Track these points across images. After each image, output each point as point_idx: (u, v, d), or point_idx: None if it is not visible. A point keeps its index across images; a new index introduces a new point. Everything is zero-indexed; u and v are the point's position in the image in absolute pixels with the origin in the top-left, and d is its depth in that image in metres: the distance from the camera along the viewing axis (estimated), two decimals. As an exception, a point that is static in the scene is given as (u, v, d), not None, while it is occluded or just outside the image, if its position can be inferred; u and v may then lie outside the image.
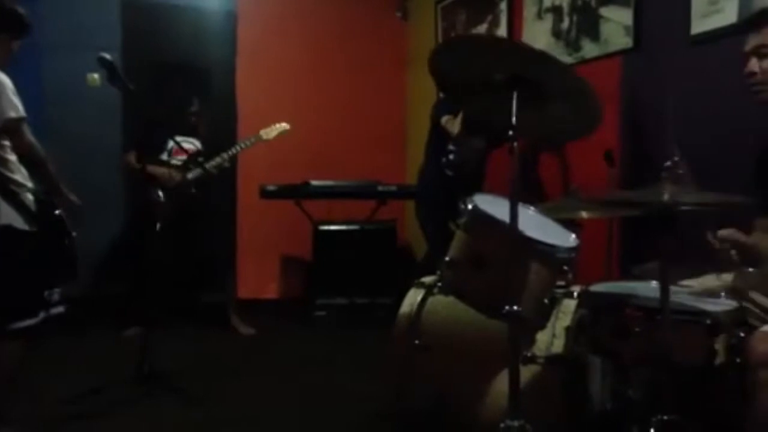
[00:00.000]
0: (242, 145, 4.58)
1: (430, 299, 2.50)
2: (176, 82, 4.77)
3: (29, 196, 2.59)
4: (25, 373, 2.76)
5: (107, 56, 3.13)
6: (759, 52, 2.09)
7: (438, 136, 3.97)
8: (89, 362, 3.78)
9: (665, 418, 1.70)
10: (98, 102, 4.83)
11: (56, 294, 2.67)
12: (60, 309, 2.69)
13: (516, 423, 1.80)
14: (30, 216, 2.57)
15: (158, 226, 3.86)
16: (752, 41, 2.10)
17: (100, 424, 2.88)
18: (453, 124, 3.83)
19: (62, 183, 2.70)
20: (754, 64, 2.10)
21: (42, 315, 2.59)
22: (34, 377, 3.18)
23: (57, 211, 2.67)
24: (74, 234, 2.75)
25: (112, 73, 3.14)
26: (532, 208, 2.25)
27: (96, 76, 4.83)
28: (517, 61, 1.92)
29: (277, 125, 4.61)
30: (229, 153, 4.48)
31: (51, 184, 2.65)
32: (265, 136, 4.57)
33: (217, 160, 4.45)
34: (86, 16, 4.95)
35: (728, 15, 2.92)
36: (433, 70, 2.10)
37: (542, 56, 1.93)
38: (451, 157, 3.87)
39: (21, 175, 2.59)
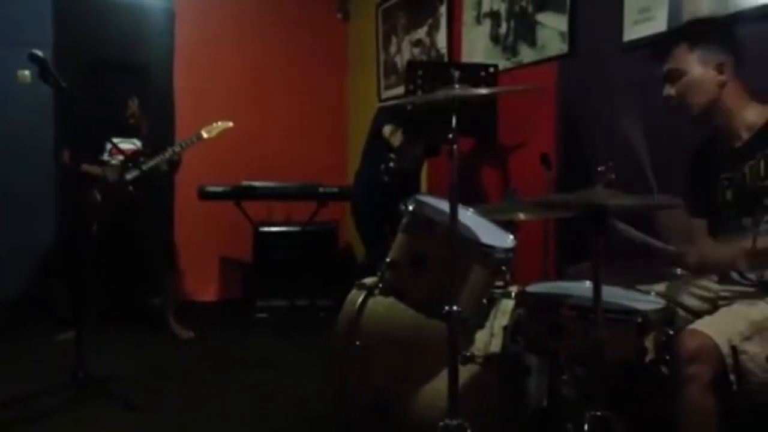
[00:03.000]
0: (182, 144, 4.49)
1: (371, 300, 2.51)
2: (112, 81, 4.65)
3: None
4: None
5: (38, 53, 3.01)
6: (671, 77, 2.17)
7: (377, 143, 3.99)
8: (22, 366, 3.66)
9: (598, 414, 1.74)
10: (29, 100, 4.67)
11: None
12: None
13: (455, 422, 1.83)
14: None
15: (95, 226, 3.75)
16: (664, 67, 2.18)
17: (34, 430, 2.79)
18: (395, 137, 3.87)
19: None
20: (668, 89, 2.18)
21: None
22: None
23: None
24: None
25: (44, 71, 3.03)
26: (471, 209, 2.28)
27: (27, 72, 4.68)
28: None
29: (219, 123, 4.53)
30: (169, 153, 4.38)
31: None
32: (206, 135, 4.48)
33: (156, 159, 4.35)
34: (17, 10, 4.79)
35: (659, 23, 3.02)
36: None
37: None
38: (391, 164, 3.89)
39: None
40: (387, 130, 3.92)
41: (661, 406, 1.89)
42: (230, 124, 4.56)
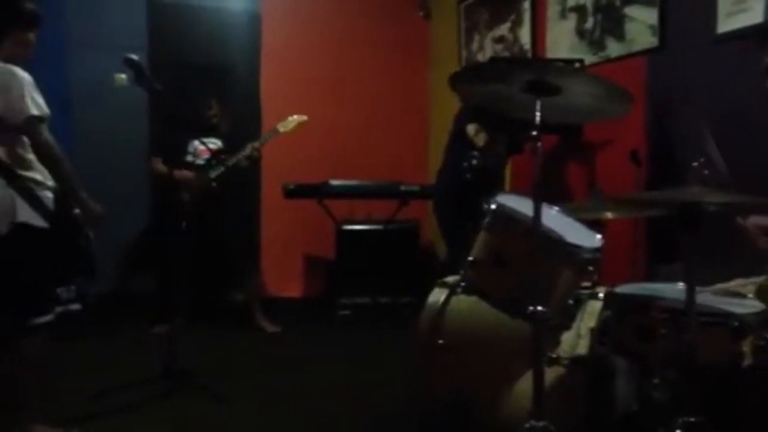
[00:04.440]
0: (261, 141, 4.61)
1: (453, 299, 2.50)
2: (200, 83, 4.81)
3: (48, 195, 2.62)
4: (53, 368, 2.80)
5: (134, 57, 3.15)
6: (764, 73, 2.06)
7: (460, 141, 3.97)
8: (117, 359, 3.83)
9: (691, 420, 1.68)
10: (125, 102, 4.88)
11: (71, 291, 2.69)
12: (77, 306, 2.71)
13: (540, 424, 1.80)
14: (47, 214, 2.60)
15: (183, 225, 3.89)
16: (765, 60, 2.08)
17: (127, 421, 2.92)
18: (479, 137, 3.84)
19: (79, 183, 2.71)
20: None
21: (57, 311, 2.62)
22: (62, 373, 3.23)
23: (75, 210, 2.69)
24: (90, 233, 2.76)
25: (139, 74, 3.17)
26: (555, 208, 2.24)
27: (123, 76, 4.89)
28: (535, 70, 1.91)
29: (294, 117, 4.60)
30: (248, 149, 4.50)
31: (66, 184, 2.66)
32: (282, 129, 4.57)
33: (237, 156, 4.48)
34: (113, 16, 5.02)
35: (755, 14, 2.89)
36: (455, 89, 2.10)
37: (558, 66, 1.93)
38: (474, 162, 3.87)
39: (40, 174, 2.60)
40: (471, 129, 3.89)
41: (759, 414, 1.80)
42: (305, 117, 4.61)
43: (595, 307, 2.27)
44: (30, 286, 2.60)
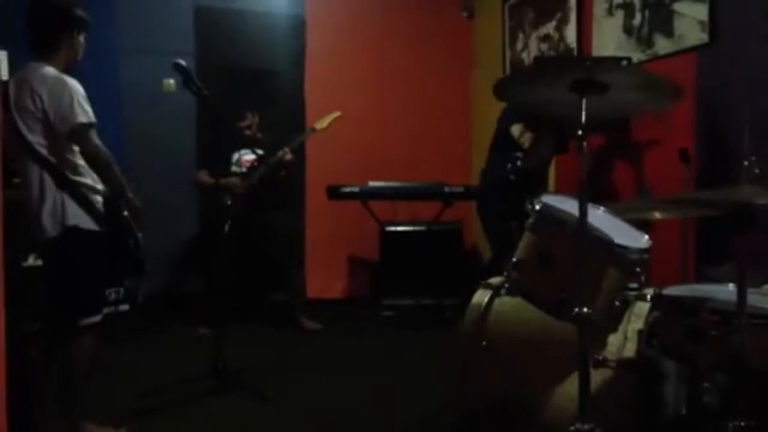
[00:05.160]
0: (298, 140, 4.67)
1: (497, 300, 2.48)
2: (244, 88, 4.89)
3: (98, 198, 2.69)
4: (103, 368, 2.88)
5: (182, 62, 3.21)
6: None
7: (504, 141, 3.95)
8: (165, 358, 3.91)
9: (742, 424, 1.65)
10: (174, 107, 4.98)
11: (120, 293, 2.76)
12: (125, 307, 2.78)
13: (586, 427, 1.78)
14: (97, 217, 2.67)
15: (227, 228, 3.96)
16: None
17: (175, 419, 2.98)
18: (525, 138, 3.82)
19: (128, 187, 2.78)
20: None
21: (105, 312, 2.69)
22: (112, 372, 3.31)
23: (125, 213, 2.76)
24: (140, 235, 2.83)
25: (187, 79, 3.22)
26: (601, 208, 2.21)
27: (172, 81, 4.97)
28: (580, 69, 1.88)
29: (329, 115, 4.67)
30: (286, 148, 4.58)
31: (116, 188, 2.73)
32: (318, 127, 4.64)
33: (278, 154, 4.57)
34: (162, 22, 5.11)
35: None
36: (500, 98, 2.10)
37: (604, 61, 1.90)
38: (518, 163, 3.84)
39: (91, 179, 2.69)
40: (516, 130, 3.87)
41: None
42: (339, 113, 4.67)
43: (642, 308, 2.23)
44: (80, 287, 2.68)
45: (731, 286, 1.88)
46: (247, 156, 4.72)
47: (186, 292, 4.90)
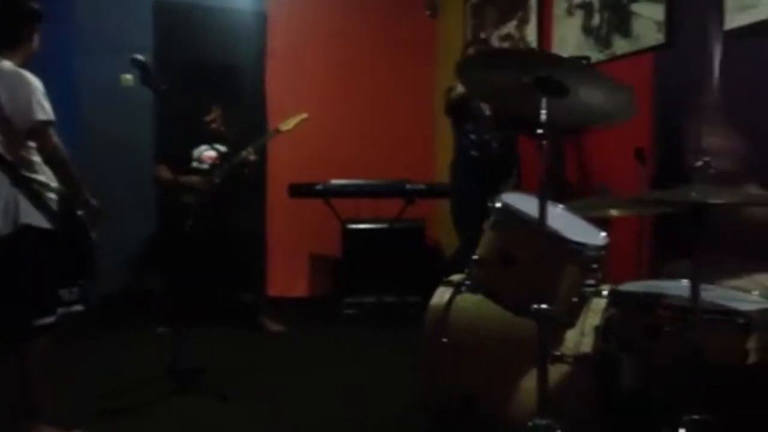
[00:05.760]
0: (262, 141, 4.62)
1: (459, 297, 2.50)
2: (204, 84, 4.82)
3: (52, 196, 2.63)
4: (59, 369, 2.82)
5: (140, 57, 3.16)
6: None
7: (457, 124, 4.05)
8: (124, 359, 3.84)
9: (695, 417, 1.68)
10: (132, 103, 4.90)
11: (74, 293, 2.70)
12: (79, 307, 2.72)
13: (544, 422, 1.80)
14: (51, 216, 2.61)
15: (188, 225, 3.90)
16: None
17: (133, 420, 2.93)
18: (456, 88, 4.00)
19: (84, 186, 2.72)
20: None
21: (60, 313, 2.63)
22: (68, 374, 3.24)
23: (79, 212, 2.70)
24: (94, 236, 2.78)
25: (145, 74, 3.18)
26: (560, 206, 2.24)
27: (129, 77, 4.90)
28: (542, 66, 1.91)
29: (295, 116, 4.61)
30: (244, 152, 4.51)
31: (72, 187, 2.68)
32: (284, 128, 4.57)
33: (242, 154, 4.50)
34: (120, 16, 5.02)
35: (763, 9, 2.87)
36: (461, 77, 2.10)
37: (566, 61, 1.92)
38: (472, 136, 3.95)
39: (45, 176, 2.62)
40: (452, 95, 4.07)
41: (765, 411, 1.80)
42: (305, 115, 4.61)
43: (599, 304, 2.27)
44: (33, 287, 2.61)
45: (685, 283, 1.92)
46: (209, 152, 4.63)
47: (146, 291, 4.83)
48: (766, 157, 2.74)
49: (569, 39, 4.20)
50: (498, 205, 2.13)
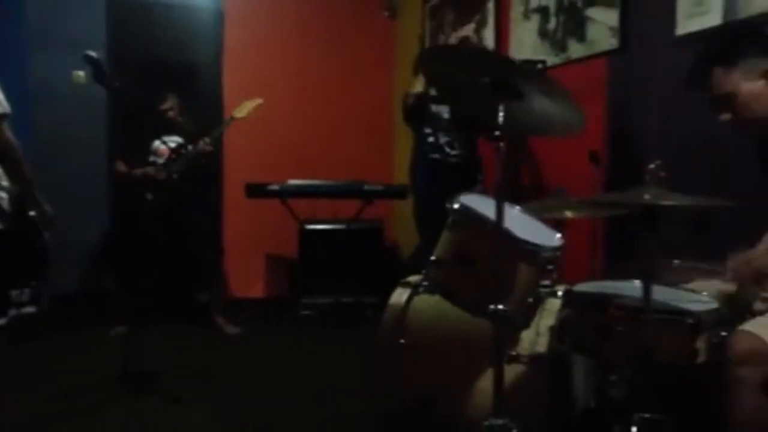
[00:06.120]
0: (218, 131, 4.54)
1: (416, 298, 2.51)
2: (159, 81, 4.74)
3: (3, 195, 2.56)
4: (10, 371, 2.75)
5: (93, 54, 3.10)
6: (721, 104, 2.09)
7: (416, 128, 4.05)
8: (76, 361, 3.77)
9: (647, 416, 1.71)
10: (84, 100, 4.80)
11: (26, 294, 2.64)
12: (30, 309, 2.66)
13: (500, 422, 1.82)
14: (2, 215, 2.54)
15: (143, 223, 3.83)
16: (710, 97, 2.10)
17: (86, 423, 2.87)
18: (417, 82, 4.03)
19: (36, 186, 2.66)
20: (724, 115, 2.10)
21: (10, 314, 2.57)
22: (19, 375, 3.16)
23: (31, 213, 2.64)
24: (46, 236, 2.71)
25: (98, 71, 3.11)
26: (517, 207, 2.26)
27: (81, 73, 4.80)
28: (501, 70, 1.93)
29: (249, 102, 4.52)
30: (207, 139, 4.43)
31: (24, 186, 2.61)
32: (238, 115, 4.48)
33: (198, 145, 4.42)
34: (73, 13, 4.92)
35: (713, 16, 2.93)
36: (422, 69, 2.11)
37: (523, 66, 1.95)
38: (430, 139, 3.97)
39: None
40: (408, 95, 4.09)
41: (714, 410, 1.84)
42: (260, 100, 4.53)
43: (554, 305, 2.30)
44: None
45: (638, 283, 1.95)
46: (166, 145, 4.51)
47: (100, 291, 4.74)
48: (709, 159, 2.82)
49: (526, 42, 4.24)
50: (456, 206, 2.13)
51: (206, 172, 4.64)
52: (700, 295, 2.01)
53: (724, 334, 1.84)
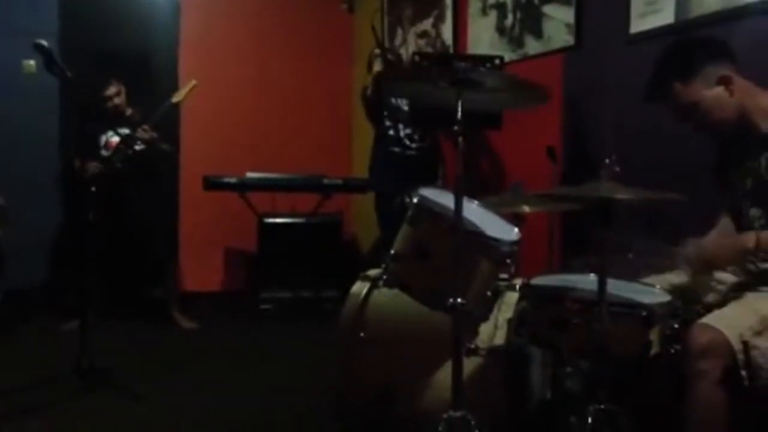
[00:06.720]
0: (156, 115, 4.39)
1: (375, 292, 2.51)
2: (112, 71, 4.62)
3: None
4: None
5: (44, 42, 3.02)
6: (685, 114, 2.14)
7: (376, 121, 4.10)
8: (27, 356, 3.69)
9: (602, 407, 1.75)
10: (34, 90, 4.68)
11: None
12: None
13: (458, 414, 1.84)
14: None
15: (91, 216, 3.74)
16: (672, 108, 2.16)
17: (39, 420, 2.80)
18: (376, 64, 4.12)
19: None
20: (689, 124, 2.16)
21: None
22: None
23: None
24: (1, 232, 2.64)
25: (49, 61, 3.04)
26: (475, 202, 2.28)
27: (32, 63, 4.68)
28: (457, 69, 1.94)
29: (186, 85, 4.46)
30: (145, 126, 4.32)
31: None
32: (175, 99, 4.42)
33: (138, 133, 4.31)
34: (21, 0, 4.78)
35: (666, 14, 3.00)
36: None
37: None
38: (390, 132, 4.02)
39: None
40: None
41: (666, 400, 1.89)
42: (194, 82, 4.45)
43: (512, 298, 2.33)
44: None
45: (593, 276, 1.99)
46: (115, 138, 4.40)
47: (50, 285, 4.63)
48: (662, 154, 2.89)
49: (483, 38, 4.27)
50: (414, 200, 2.14)
51: (157, 163, 4.54)
52: (653, 288, 2.06)
53: (676, 326, 1.89)
